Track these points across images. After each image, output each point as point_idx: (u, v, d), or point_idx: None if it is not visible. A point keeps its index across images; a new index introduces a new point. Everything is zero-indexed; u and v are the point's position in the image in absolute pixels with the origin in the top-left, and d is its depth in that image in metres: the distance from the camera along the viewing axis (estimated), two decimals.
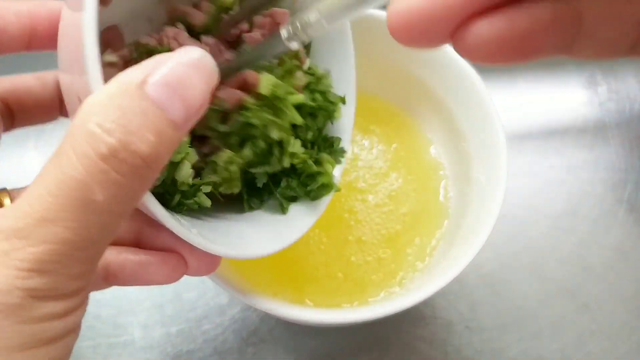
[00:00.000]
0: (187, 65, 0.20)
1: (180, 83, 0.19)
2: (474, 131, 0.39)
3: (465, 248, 0.33)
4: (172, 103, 0.19)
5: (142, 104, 0.18)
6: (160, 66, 0.19)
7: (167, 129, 0.19)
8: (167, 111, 0.19)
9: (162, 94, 0.19)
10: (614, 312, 0.45)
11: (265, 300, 0.31)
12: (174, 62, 0.19)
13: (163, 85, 0.19)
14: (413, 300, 0.31)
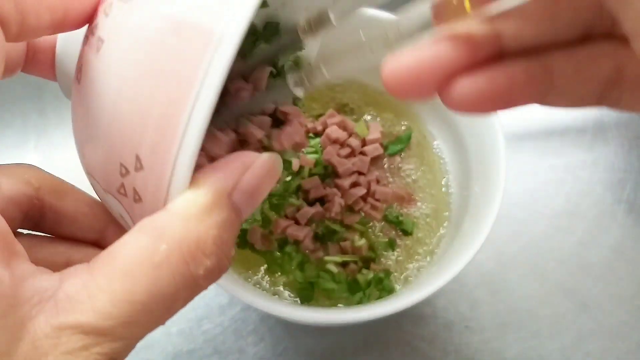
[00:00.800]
0: (267, 171, 0.20)
1: (258, 191, 0.20)
2: (473, 131, 0.39)
3: (464, 247, 0.33)
4: (247, 209, 0.20)
5: (231, 216, 0.19)
6: (245, 172, 0.20)
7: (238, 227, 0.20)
8: (242, 216, 0.20)
9: (243, 201, 0.20)
10: (613, 312, 0.45)
11: (264, 300, 0.31)
12: (256, 169, 0.20)
13: (246, 194, 0.20)
14: (413, 300, 0.31)
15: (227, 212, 0.19)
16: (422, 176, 0.42)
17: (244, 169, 0.20)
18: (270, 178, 0.21)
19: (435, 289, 0.31)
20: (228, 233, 0.19)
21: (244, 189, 0.19)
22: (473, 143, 0.39)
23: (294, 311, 0.32)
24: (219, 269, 0.19)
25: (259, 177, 0.20)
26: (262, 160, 0.20)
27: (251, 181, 0.20)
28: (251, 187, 0.20)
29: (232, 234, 0.19)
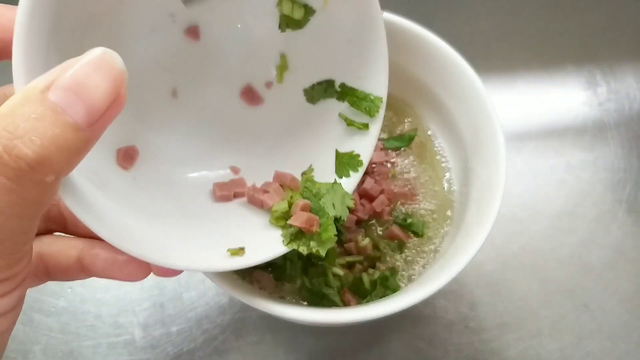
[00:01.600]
0: (88, 65, 0.20)
1: (80, 85, 0.20)
2: (473, 131, 0.39)
3: (464, 247, 0.33)
4: (72, 106, 0.19)
5: (39, 109, 0.19)
6: (65, 71, 0.20)
7: (66, 132, 0.19)
8: (66, 114, 0.19)
9: (63, 98, 0.19)
10: (613, 312, 0.45)
11: (264, 300, 0.32)
12: (77, 65, 0.20)
13: (64, 89, 0.19)
14: (413, 299, 0.31)
15: (34, 106, 0.19)
16: (424, 174, 0.42)
17: (68, 68, 0.20)
18: (100, 70, 0.20)
19: (436, 288, 0.31)
20: (29, 124, 0.19)
21: (60, 85, 0.19)
22: (473, 143, 0.39)
23: (293, 311, 0.31)
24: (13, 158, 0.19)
25: (82, 72, 0.20)
26: (85, 56, 0.20)
27: (69, 76, 0.19)
28: (70, 82, 0.19)
29: (39, 128, 0.19)
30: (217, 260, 0.30)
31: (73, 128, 0.19)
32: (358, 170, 0.34)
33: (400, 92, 0.44)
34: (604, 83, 0.57)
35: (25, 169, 0.19)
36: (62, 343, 0.43)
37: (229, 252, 0.30)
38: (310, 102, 0.36)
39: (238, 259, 0.30)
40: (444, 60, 0.39)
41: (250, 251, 0.31)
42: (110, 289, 0.45)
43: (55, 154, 0.19)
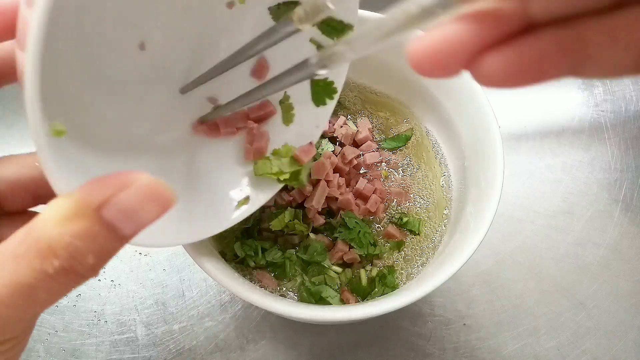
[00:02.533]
0: (147, 194, 0.21)
1: (135, 212, 0.21)
2: (470, 131, 0.39)
3: (462, 246, 0.33)
4: (125, 225, 0.20)
5: (94, 228, 0.20)
6: (120, 193, 0.20)
7: (114, 244, 0.21)
8: (118, 231, 0.20)
9: (117, 218, 0.20)
10: (609, 310, 0.46)
11: (265, 298, 0.32)
12: (133, 191, 0.21)
13: (119, 211, 0.20)
14: (411, 298, 0.31)
15: (90, 223, 0.20)
16: (421, 173, 0.43)
17: (121, 187, 0.20)
18: (154, 201, 0.21)
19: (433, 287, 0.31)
20: (86, 243, 0.20)
21: (117, 206, 0.20)
22: (471, 143, 0.39)
23: (294, 309, 0.32)
24: (72, 274, 0.20)
25: (137, 198, 0.21)
26: (142, 181, 0.21)
27: (126, 200, 0.20)
28: (126, 206, 0.20)
29: (93, 246, 0.20)
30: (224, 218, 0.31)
31: (121, 240, 0.21)
32: (333, 98, 0.34)
33: (398, 93, 0.45)
34: (601, 84, 0.57)
35: (79, 280, 0.20)
36: (65, 341, 0.44)
37: (238, 205, 0.32)
38: (276, 21, 0.34)
39: (244, 208, 0.32)
40: None
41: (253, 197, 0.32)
42: (114, 287, 0.46)
43: (103, 264, 0.21)
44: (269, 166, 0.34)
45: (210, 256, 0.33)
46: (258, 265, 0.38)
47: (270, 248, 0.39)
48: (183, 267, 0.46)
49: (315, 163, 0.39)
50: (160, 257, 0.47)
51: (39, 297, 0.20)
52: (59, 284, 0.20)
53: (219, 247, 0.39)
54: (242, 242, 0.38)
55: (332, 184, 0.40)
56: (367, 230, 0.39)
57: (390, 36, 0.20)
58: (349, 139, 0.42)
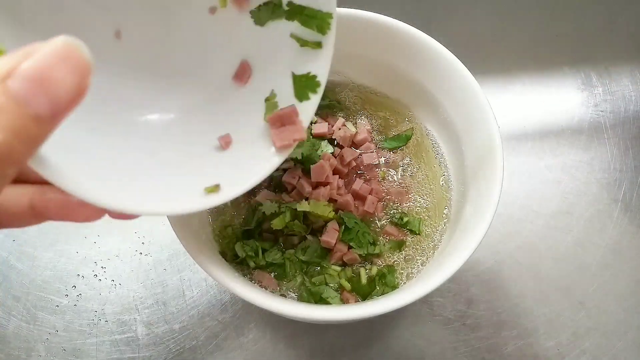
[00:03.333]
0: (54, 55, 0.19)
1: (45, 77, 0.18)
2: (470, 131, 0.39)
3: (462, 246, 0.33)
4: (36, 98, 0.18)
5: (0, 99, 0.18)
6: (28, 58, 0.18)
7: (27, 124, 0.18)
8: (29, 106, 0.18)
9: (25, 88, 0.18)
10: (609, 310, 0.46)
11: (265, 298, 0.32)
12: (39, 54, 0.19)
13: (26, 80, 0.18)
14: (411, 297, 0.31)
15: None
16: (421, 173, 0.43)
17: (29, 54, 0.19)
18: (66, 63, 0.19)
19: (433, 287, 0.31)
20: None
21: (23, 75, 0.18)
22: (470, 143, 0.40)
23: (294, 309, 0.32)
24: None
25: (45, 62, 0.19)
26: (49, 44, 0.19)
27: (33, 66, 0.18)
28: (34, 73, 0.18)
29: (3, 121, 0.18)
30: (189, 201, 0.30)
31: (36, 120, 0.19)
32: (317, 92, 0.33)
33: (398, 94, 0.45)
34: (600, 84, 0.57)
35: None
36: (66, 341, 0.44)
37: (206, 191, 0.30)
38: (258, 24, 0.34)
39: (214, 196, 0.30)
40: (441, 63, 0.39)
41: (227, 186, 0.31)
42: (114, 287, 0.46)
43: (17, 146, 0.19)
44: None
45: (211, 256, 0.34)
46: (258, 265, 0.38)
47: (271, 248, 0.39)
48: (183, 267, 0.46)
49: (315, 166, 0.39)
50: (161, 257, 0.47)
51: None
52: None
53: (219, 247, 0.39)
54: (243, 243, 0.38)
55: (331, 186, 0.40)
56: (367, 230, 0.39)
57: None
58: (347, 140, 0.43)
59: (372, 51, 0.42)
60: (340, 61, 0.44)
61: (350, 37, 0.41)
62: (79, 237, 0.48)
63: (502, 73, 0.57)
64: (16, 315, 0.44)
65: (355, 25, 0.40)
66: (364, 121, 0.45)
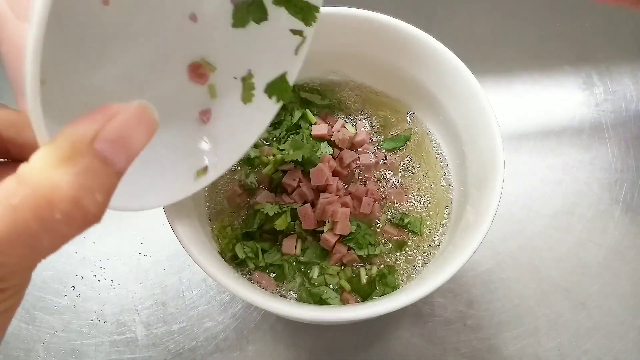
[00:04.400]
0: (133, 119, 0.21)
1: (127, 139, 0.21)
2: (471, 131, 0.39)
3: (462, 246, 0.33)
4: (118, 157, 0.20)
5: (93, 163, 0.20)
6: (110, 122, 0.20)
7: (112, 180, 0.21)
8: (114, 165, 0.20)
9: (110, 150, 0.20)
10: (610, 311, 0.46)
11: (265, 298, 0.32)
12: (121, 117, 0.21)
13: (111, 142, 0.20)
14: (411, 298, 0.31)
15: (88, 160, 0.20)
16: (422, 173, 0.43)
17: (107, 119, 0.20)
18: (141, 124, 0.21)
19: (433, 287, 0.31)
20: (90, 180, 0.20)
21: (107, 137, 0.20)
22: (471, 143, 0.40)
23: (294, 309, 0.32)
24: (81, 215, 0.20)
25: (125, 124, 0.21)
26: (129, 108, 0.21)
27: (116, 128, 0.20)
28: (116, 134, 0.20)
29: (97, 181, 0.20)
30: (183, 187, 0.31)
31: (117, 175, 0.21)
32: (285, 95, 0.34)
33: (398, 93, 0.45)
34: (601, 84, 0.57)
35: (89, 222, 0.20)
36: (65, 341, 0.44)
37: (197, 174, 0.32)
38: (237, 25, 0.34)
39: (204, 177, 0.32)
40: (441, 62, 0.39)
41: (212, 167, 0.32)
42: (113, 287, 0.46)
43: (106, 202, 0.20)
44: None
45: (210, 256, 0.33)
46: (257, 266, 0.38)
47: (270, 249, 0.39)
48: (183, 268, 0.46)
49: (314, 169, 0.39)
50: (160, 257, 0.47)
51: (42, 244, 0.20)
52: (63, 229, 0.20)
53: (218, 248, 0.39)
54: (243, 244, 0.38)
55: (331, 188, 0.40)
56: (367, 232, 0.39)
57: None
58: (345, 143, 0.43)
59: (373, 50, 0.42)
60: (341, 61, 0.44)
61: (351, 36, 0.41)
62: (78, 237, 0.47)
63: (502, 72, 0.57)
64: (15, 315, 0.44)
65: (355, 24, 0.40)
66: (364, 121, 0.45)
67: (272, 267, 0.38)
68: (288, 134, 0.43)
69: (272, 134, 0.43)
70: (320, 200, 0.39)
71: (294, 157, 0.40)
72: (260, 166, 0.42)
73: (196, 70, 0.35)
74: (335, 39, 0.41)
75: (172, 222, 0.33)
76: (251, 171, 0.42)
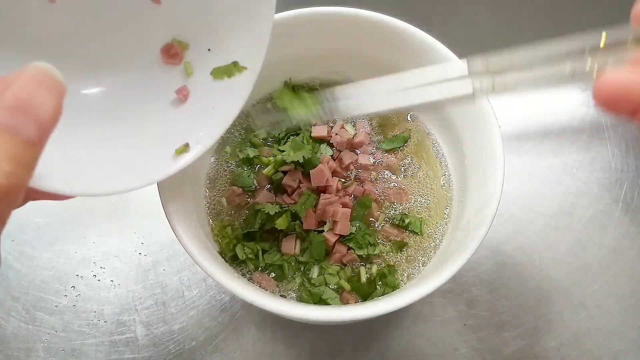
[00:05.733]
0: (30, 82, 0.20)
1: (27, 103, 0.20)
2: (471, 131, 0.39)
3: (463, 246, 0.33)
4: (24, 124, 0.19)
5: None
6: (6, 90, 0.19)
7: (23, 150, 0.19)
8: (19, 133, 0.19)
9: (12, 117, 0.19)
10: (610, 311, 0.46)
11: (265, 299, 0.32)
12: (18, 83, 0.20)
13: (11, 109, 0.19)
14: (411, 298, 0.31)
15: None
16: (423, 173, 0.43)
17: (4, 87, 0.20)
18: (41, 87, 0.20)
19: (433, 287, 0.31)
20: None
21: (6, 105, 0.19)
22: (471, 143, 0.40)
23: (294, 309, 0.32)
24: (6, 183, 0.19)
25: (23, 89, 0.20)
26: (24, 73, 0.20)
27: (13, 94, 0.19)
28: (15, 101, 0.19)
29: (3, 152, 0.19)
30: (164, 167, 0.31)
31: (28, 145, 0.20)
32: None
33: None
34: None
35: (3, 196, 0.19)
36: (65, 341, 0.44)
37: (176, 153, 0.32)
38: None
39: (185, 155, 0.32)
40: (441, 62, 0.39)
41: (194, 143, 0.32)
42: (113, 287, 0.46)
43: (21, 172, 0.19)
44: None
45: (210, 256, 0.33)
46: (257, 267, 0.38)
47: (270, 249, 0.39)
48: (183, 268, 0.46)
49: (314, 170, 0.40)
50: (160, 257, 0.47)
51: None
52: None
53: (218, 247, 0.39)
54: (244, 245, 0.38)
55: (331, 189, 0.40)
56: (367, 232, 0.39)
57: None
58: (343, 145, 0.43)
59: (373, 50, 0.42)
60: (341, 60, 0.44)
61: (351, 36, 0.41)
62: (78, 237, 0.48)
63: None
64: (15, 315, 0.44)
65: (355, 24, 0.40)
66: (364, 122, 0.45)
67: (272, 267, 0.38)
68: (288, 135, 0.43)
69: (272, 135, 0.44)
70: (321, 200, 0.39)
71: (294, 158, 0.40)
72: (261, 167, 0.42)
73: (168, 51, 0.34)
74: (335, 38, 0.41)
75: (172, 222, 0.33)
76: (251, 171, 0.42)
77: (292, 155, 0.40)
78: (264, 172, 0.41)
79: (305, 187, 0.40)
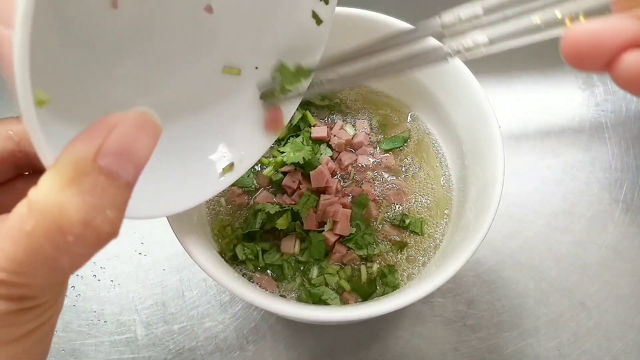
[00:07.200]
0: (133, 127, 0.20)
1: (130, 149, 0.20)
2: (471, 131, 0.39)
3: (463, 246, 0.33)
4: (125, 169, 0.20)
5: (98, 180, 0.19)
6: (111, 134, 0.20)
7: (121, 194, 0.20)
8: (121, 178, 0.20)
9: (115, 163, 0.20)
10: (610, 310, 0.46)
11: (265, 298, 0.32)
12: (121, 128, 0.20)
13: (115, 155, 0.20)
14: (411, 298, 0.31)
15: (93, 178, 0.19)
16: (423, 173, 0.43)
17: (107, 132, 0.20)
18: (143, 132, 0.21)
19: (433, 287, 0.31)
20: (98, 198, 0.19)
21: (110, 151, 0.19)
22: (471, 143, 0.40)
23: (294, 309, 0.32)
24: (94, 234, 0.19)
25: (127, 135, 0.20)
26: (128, 117, 0.20)
27: (117, 141, 0.20)
28: (119, 147, 0.20)
29: (106, 198, 0.19)
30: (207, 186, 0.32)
31: (125, 187, 0.20)
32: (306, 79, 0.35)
33: (398, 93, 0.45)
34: (601, 84, 0.57)
35: (105, 240, 0.20)
36: (65, 341, 0.44)
37: (223, 171, 0.33)
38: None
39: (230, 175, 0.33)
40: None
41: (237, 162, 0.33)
42: (113, 287, 0.46)
43: (120, 216, 0.20)
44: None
45: (210, 256, 0.33)
46: (257, 267, 0.38)
47: (270, 249, 0.39)
48: (183, 267, 0.46)
49: (314, 172, 0.40)
50: (160, 257, 0.47)
51: (62, 264, 0.20)
52: (79, 250, 0.19)
53: (217, 247, 0.39)
54: (244, 245, 0.38)
55: (330, 189, 0.40)
56: (366, 232, 0.39)
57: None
58: (342, 147, 0.43)
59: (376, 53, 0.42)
60: None
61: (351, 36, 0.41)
62: None
63: (502, 72, 0.57)
64: None
65: (355, 24, 0.40)
66: (364, 122, 0.45)
67: (272, 267, 0.38)
68: (288, 136, 0.43)
69: None
70: (322, 201, 0.39)
71: (294, 159, 0.40)
72: (260, 167, 0.42)
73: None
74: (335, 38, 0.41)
75: (172, 222, 0.33)
76: (251, 172, 0.42)
77: (292, 156, 0.40)
78: (264, 173, 0.41)
79: (305, 187, 0.40)
